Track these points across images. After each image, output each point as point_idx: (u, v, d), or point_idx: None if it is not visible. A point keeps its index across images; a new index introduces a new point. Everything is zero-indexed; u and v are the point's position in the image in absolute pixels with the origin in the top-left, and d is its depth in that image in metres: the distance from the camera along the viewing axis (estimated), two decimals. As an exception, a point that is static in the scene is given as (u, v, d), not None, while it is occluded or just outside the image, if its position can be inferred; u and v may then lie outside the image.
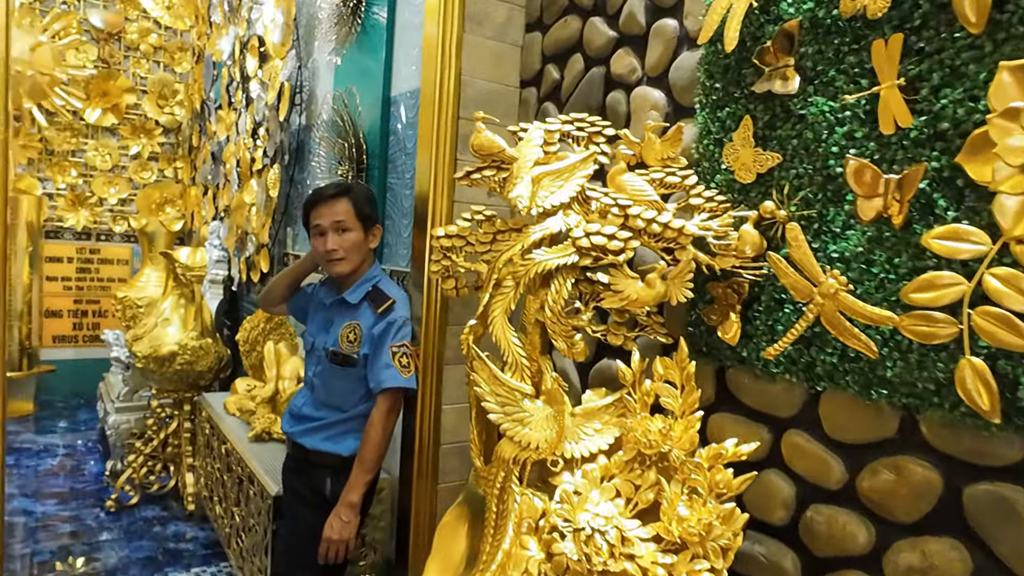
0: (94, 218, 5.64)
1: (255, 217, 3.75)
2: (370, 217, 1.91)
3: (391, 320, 1.81)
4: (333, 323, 1.92)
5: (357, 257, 1.89)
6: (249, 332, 2.99)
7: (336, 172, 2.76)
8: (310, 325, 2.05)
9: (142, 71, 5.72)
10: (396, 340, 1.80)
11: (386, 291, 1.87)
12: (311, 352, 2.00)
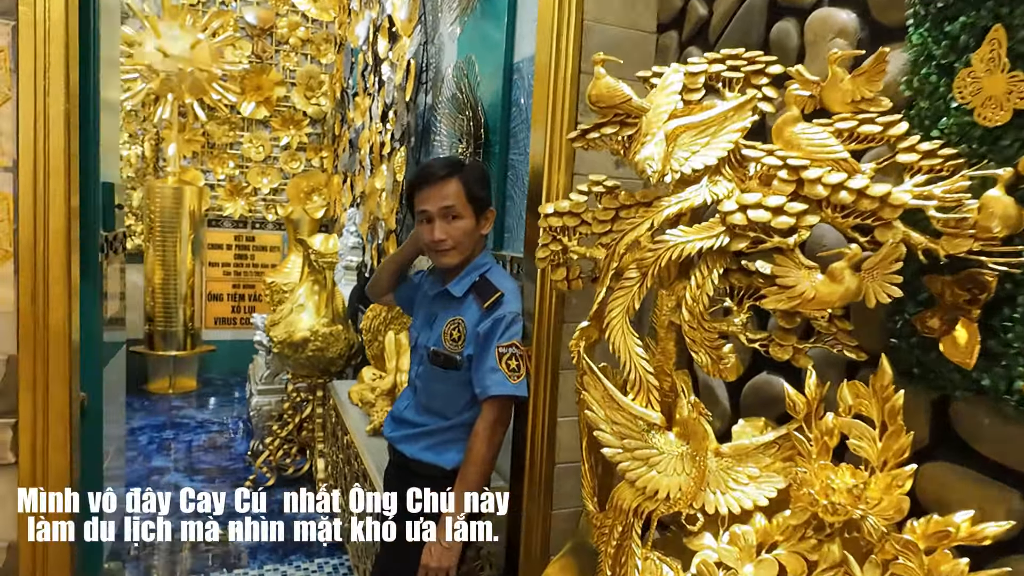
0: (249, 207, 5.94)
1: (384, 202, 3.67)
2: (483, 200, 1.66)
3: (498, 316, 1.55)
4: (436, 318, 1.70)
5: (468, 246, 1.65)
6: (371, 321, 2.88)
7: (456, 150, 2.55)
8: (415, 319, 1.84)
9: (291, 64, 5.92)
10: (504, 339, 1.54)
11: (495, 282, 1.62)
12: (414, 350, 1.79)
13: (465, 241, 1.63)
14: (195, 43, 4.93)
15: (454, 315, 1.64)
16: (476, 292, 1.61)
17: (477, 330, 1.56)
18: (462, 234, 1.62)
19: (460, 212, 1.61)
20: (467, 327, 1.59)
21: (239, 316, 6.00)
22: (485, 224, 1.68)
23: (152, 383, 5.41)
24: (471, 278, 1.64)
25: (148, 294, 5.29)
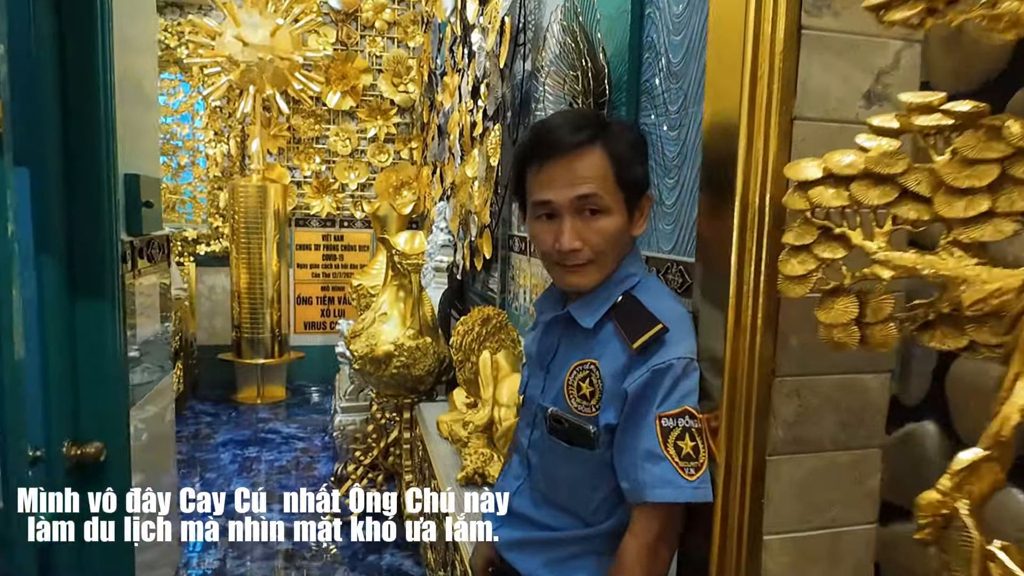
0: (337, 204, 5.60)
1: (477, 193, 3.14)
2: (639, 182, 1.05)
3: (660, 364, 0.95)
4: (554, 359, 1.12)
5: (613, 258, 1.06)
6: (463, 337, 2.34)
7: (567, 120, 1.95)
8: (526, 356, 1.27)
9: (377, 50, 5.52)
10: (670, 404, 0.94)
11: (650, 306, 1.01)
12: (525, 404, 1.22)
13: (610, 251, 1.04)
14: (275, 29, 4.59)
15: (582, 357, 1.05)
16: (619, 321, 1.02)
17: (624, 386, 0.97)
18: (607, 240, 1.02)
19: (606, 204, 1.01)
20: (605, 378, 1.01)
21: (329, 320, 5.69)
22: (640, 220, 1.07)
23: (241, 392, 5.17)
24: (609, 298, 1.05)
25: (234, 299, 5.04)
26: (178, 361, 4.72)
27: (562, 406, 1.06)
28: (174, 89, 5.38)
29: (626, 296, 1.04)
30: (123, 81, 1.64)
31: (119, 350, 1.60)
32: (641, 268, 1.10)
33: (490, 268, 3.20)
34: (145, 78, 1.92)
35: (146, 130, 1.90)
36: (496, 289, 3.09)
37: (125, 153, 1.68)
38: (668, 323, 0.97)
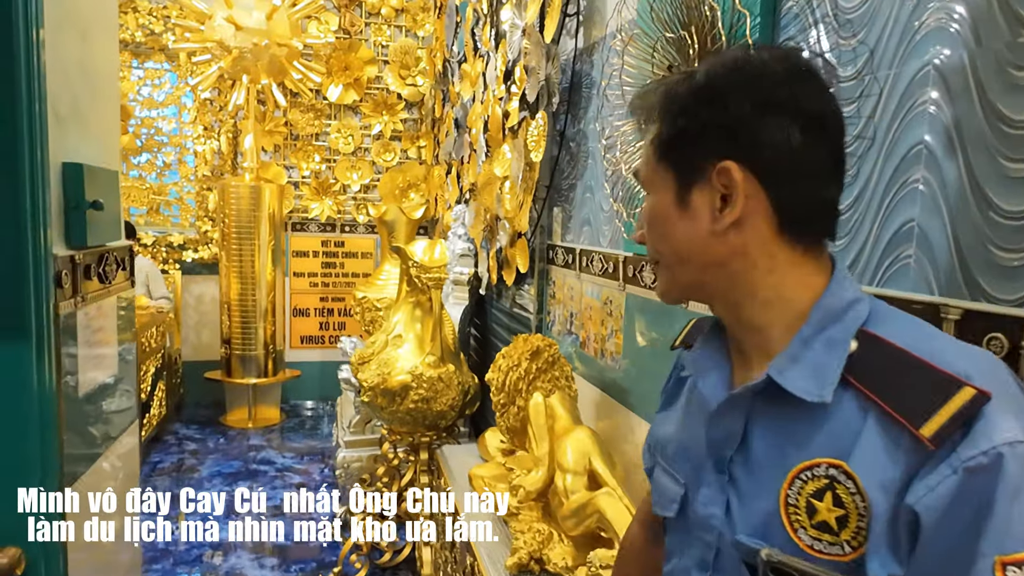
0: (338, 207, 5.12)
1: (508, 195, 2.67)
2: (689, 145, 0.67)
3: (981, 459, 0.51)
4: (747, 456, 0.66)
5: (676, 258, 0.71)
6: (506, 375, 1.87)
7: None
8: (664, 436, 0.82)
9: (383, 39, 5.05)
10: (1018, 536, 0.49)
11: (918, 348, 0.59)
12: (679, 523, 0.76)
13: (668, 248, 0.71)
14: (272, 12, 4.12)
15: (810, 455, 0.61)
16: (871, 385, 0.59)
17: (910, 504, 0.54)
18: (652, 228, 0.72)
19: (647, 176, 0.72)
20: (867, 491, 0.56)
21: (328, 334, 5.20)
22: (711, 205, 0.67)
23: (230, 414, 4.68)
24: (833, 344, 0.62)
25: (224, 311, 4.55)
26: (160, 380, 4.23)
27: (783, 543, 0.61)
28: (159, 79, 4.90)
29: (865, 338, 0.61)
30: (58, 46, 1.17)
31: (48, 412, 1.12)
32: (853, 289, 0.66)
33: (523, 283, 2.73)
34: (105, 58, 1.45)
35: (99, 109, 1.43)
36: (531, 309, 2.62)
37: (64, 137, 1.21)
38: (976, 379, 0.53)
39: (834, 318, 0.63)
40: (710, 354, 0.74)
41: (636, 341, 1.79)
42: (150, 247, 4.87)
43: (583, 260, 2.13)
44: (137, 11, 4.65)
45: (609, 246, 1.96)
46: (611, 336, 1.93)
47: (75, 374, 1.25)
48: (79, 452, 1.30)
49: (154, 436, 4.17)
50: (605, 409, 2.02)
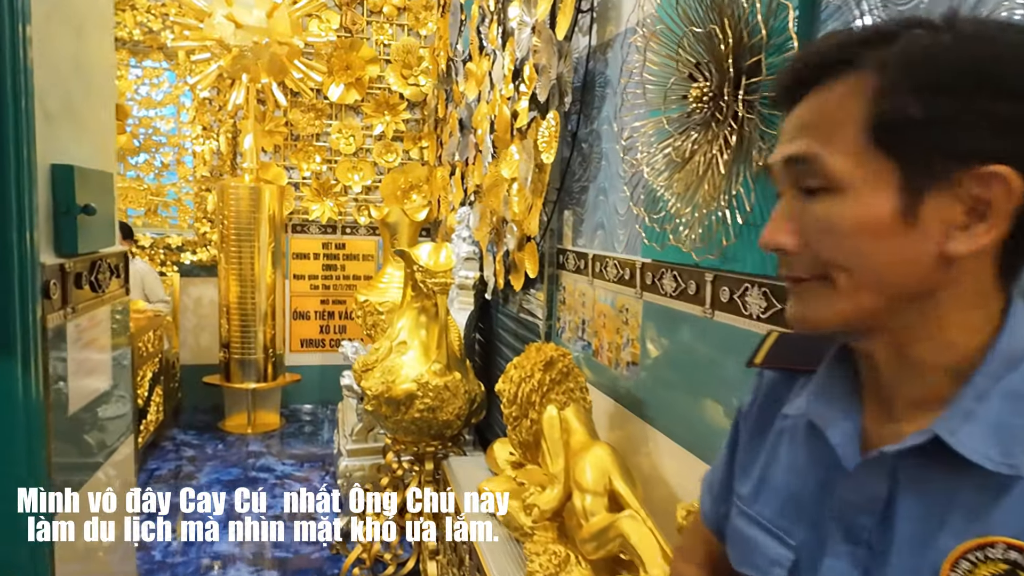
0: (339, 208, 5.04)
1: (516, 197, 2.59)
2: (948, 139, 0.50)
3: None
4: (891, 527, 0.55)
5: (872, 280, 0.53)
6: (518, 386, 1.79)
7: (674, 98, 1.41)
8: (754, 481, 0.70)
9: (385, 37, 4.97)
10: None
11: None
12: None
13: (859, 266, 0.54)
14: (272, 9, 4.04)
15: (980, 531, 0.49)
16: None
17: None
18: (835, 239, 0.54)
19: (829, 173, 0.54)
20: None
21: (328, 337, 5.12)
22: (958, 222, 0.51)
23: (229, 419, 4.59)
24: (1012, 396, 0.51)
25: (223, 314, 4.46)
26: (157, 385, 4.15)
27: None
28: (158, 78, 4.82)
29: None
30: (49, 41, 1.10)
31: (35, 427, 1.05)
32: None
33: (531, 288, 2.66)
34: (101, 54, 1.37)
35: (94, 108, 1.35)
36: (540, 315, 2.54)
37: (54, 137, 1.13)
38: None
39: (1013, 366, 0.52)
40: (837, 395, 0.61)
41: (654, 351, 1.71)
42: (148, 249, 4.79)
43: (596, 265, 2.06)
44: (135, 8, 4.57)
45: (625, 251, 1.88)
46: (627, 345, 1.86)
47: (65, 387, 1.17)
48: (71, 463, 1.22)
49: (151, 442, 4.09)
50: (618, 420, 1.94)
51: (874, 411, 0.59)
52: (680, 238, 1.42)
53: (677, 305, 1.57)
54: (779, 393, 0.69)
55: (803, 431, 0.64)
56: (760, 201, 1.18)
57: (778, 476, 0.66)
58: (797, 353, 0.69)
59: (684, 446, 1.59)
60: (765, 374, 0.72)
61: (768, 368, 0.72)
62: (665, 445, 1.68)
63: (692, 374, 1.54)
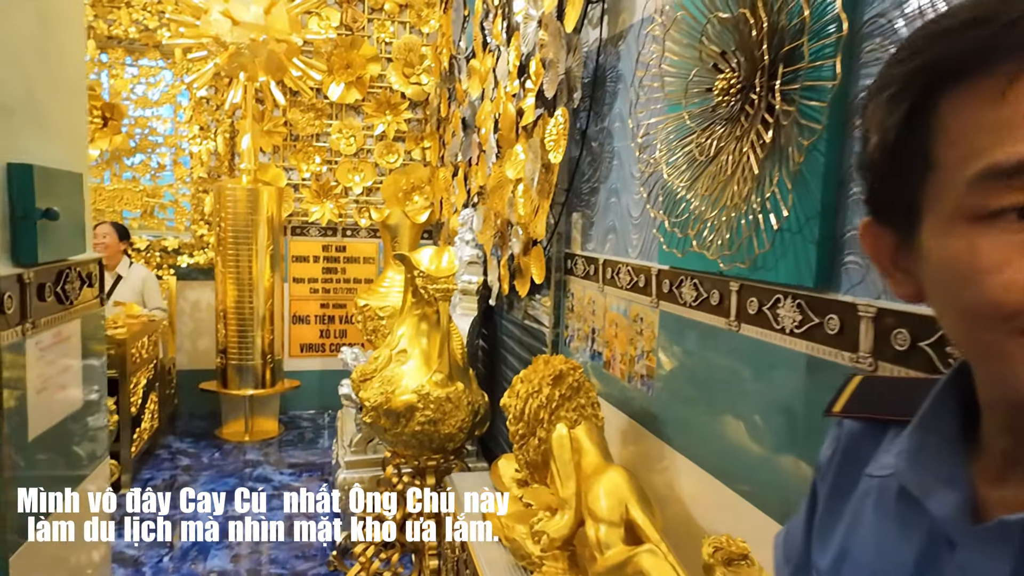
0: (339, 210, 4.92)
1: (522, 199, 2.47)
2: None
3: None
4: None
5: None
6: (525, 402, 1.66)
7: (697, 91, 1.29)
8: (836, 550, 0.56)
9: (386, 35, 4.85)
10: None
11: None
12: None
13: None
14: (270, 5, 3.93)
15: None
16: None
17: None
18: None
19: None
20: None
21: (328, 342, 5.00)
22: None
23: (226, 426, 4.48)
24: None
25: (220, 319, 4.35)
26: (152, 392, 4.04)
27: None
28: (154, 77, 4.71)
29: None
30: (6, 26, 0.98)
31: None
32: None
33: (537, 294, 2.54)
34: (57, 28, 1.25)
35: (62, 102, 1.23)
36: (546, 322, 2.42)
37: (11, 133, 1.01)
38: None
39: None
40: (939, 456, 0.49)
41: (672, 365, 1.59)
42: (143, 252, 4.68)
43: (607, 271, 1.93)
44: (131, 6, 4.47)
45: (639, 257, 1.76)
46: (641, 357, 1.73)
47: (23, 414, 1.05)
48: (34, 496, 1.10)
49: (146, 450, 3.98)
50: (631, 436, 1.82)
51: (987, 474, 0.47)
52: (704, 243, 1.30)
53: (698, 316, 1.45)
54: (864, 447, 0.57)
55: (894, 495, 0.52)
56: (798, 205, 1.06)
57: (864, 548, 0.54)
58: (885, 400, 0.57)
59: (704, 467, 1.47)
60: (846, 424, 0.60)
61: (850, 417, 0.60)
62: (683, 466, 1.56)
63: (714, 391, 1.42)
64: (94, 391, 1.35)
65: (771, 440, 1.23)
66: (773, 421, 1.22)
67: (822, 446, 0.66)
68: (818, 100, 0.98)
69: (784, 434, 1.19)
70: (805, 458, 1.12)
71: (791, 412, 1.17)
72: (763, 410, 1.26)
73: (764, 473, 1.26)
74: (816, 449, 1.10)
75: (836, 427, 0.62)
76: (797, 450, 1.15)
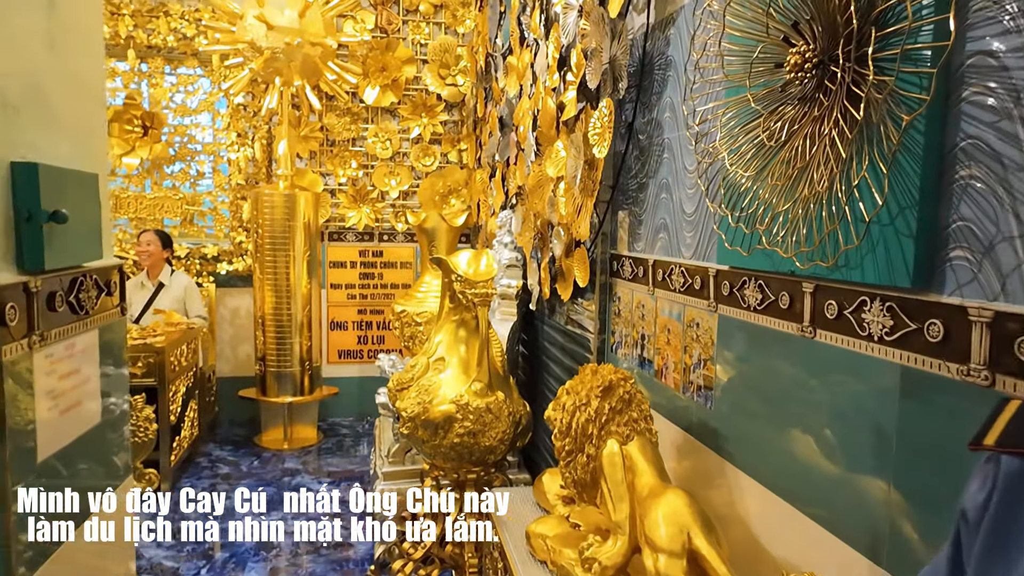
0: (375, 215, 4.87)
1: (563, 198, 2.35)
2: None
3: None
4: None
5: None
6: (572, 415, 1.53)
7: (768, 76, 1.14)
8: None
9: (421, 37, 4.78)
10: None
11: None
12: None
13: None
14: (305, 8, 3.88)
15: None
16: None
17: None
18: None
19: None
20: None
21: (366, 348, 4.95)
22: None
23: (266, 434, 4.45)
24: None
25: (258, 326, 4.32)
26: (192, 400, 4.03)
27: None
28: (192, 86, 4.73)
29: None
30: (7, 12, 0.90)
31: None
32: None
33: (580, 298, 2.41)
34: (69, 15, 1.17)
35: (75, 98, 1.15)
36: (591, 327, 2.29)
37: (14, 129, 0.93)
38: None
39: None
40: None
41: (734, 375, 1.45)
42: (184, 259, 4.70)
43: (658, 273, 1.80)
44: (169, 15, 4.49)
45: (694, 257, 1.62)
46: (699, 366, 1.59)
47: (31, 435, 0.97)
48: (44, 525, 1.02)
49: (186, 458, 3.97)
50: (687, 451, 1.68)
51: None
52: (774, 240, 1.15)
53: (764, 321, 1.31)
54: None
55: None
56: (892, 192, 0.91)
57: None
58: None
59: (771, 488, 1.32)
60: (1004, 461, 0.47)
61: (1010, 453, 0.46)
62: (746, 485, 1.42)
63: (783, 404, 1.28)
64: (116, 403, 1.27)
65: (853, 461, 1.08)
66: (856, 440, 1.07)
67: (967, 485, 0.53)
68: (922, 67, 0.83)
69: (870, 455, 1.04)
70: (901, 486, 0.98)
71: (880, 431, 1.02)
72: (843, 427, 1.11)
73: (843, 497, 1.11)
74: (918, 476, 0.95)
75: (988, 464, 0.50)
76: (888, 475, 1.00)
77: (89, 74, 1.21)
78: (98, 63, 1.30)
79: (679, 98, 1.72)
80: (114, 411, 1.28)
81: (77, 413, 1.12)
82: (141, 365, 3.47)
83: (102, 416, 1.21)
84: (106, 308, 1.22)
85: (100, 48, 1.33)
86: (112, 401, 1.26)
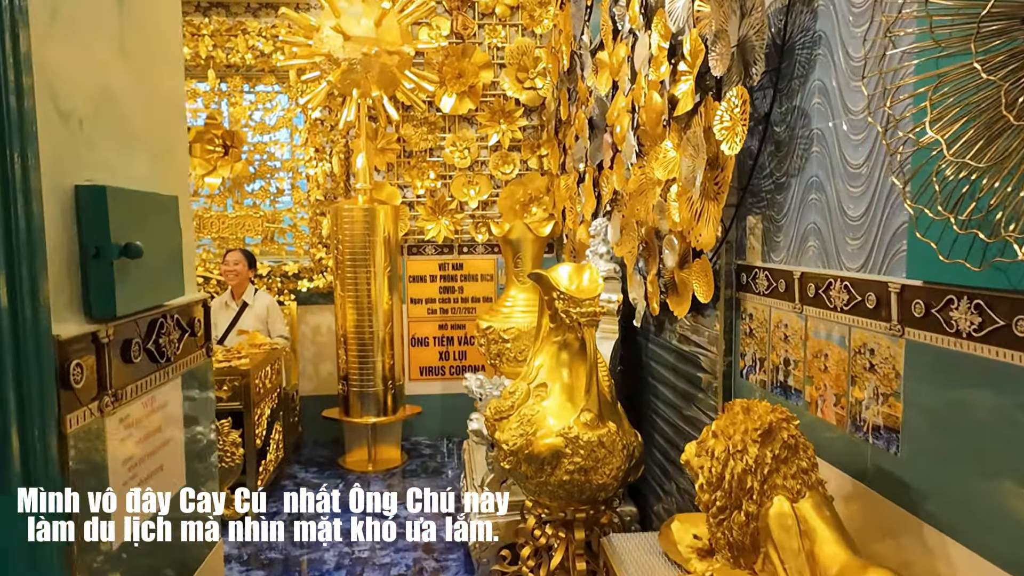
0: (455, 226, 4.71)
1: (676, 203, 2.08)
2: None
3: None
4: None
5: None
6: (723, 463, 1.27)
7: (1002, 36, 0.87)
8: None
9: (498, 40, 4.61)
10: None
11: None
12: None
13: None
14: (381, 16, 3.76)
15: None
16: None
17: None
18: None
19: None
20: None
21: (448, 364, 4.79)
22: None
23: (349, 456, 4.34)
24: None
25: (340, 344, 4.22)
26: (276, 422, 3.95)
27: None
28: (271, 103, 4.70)
29: None
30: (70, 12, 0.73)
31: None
32: None
33: (697, 315, 2.14)
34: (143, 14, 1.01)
35: (152, 111, 0.98)
36: (713, 349, 2.02)
37: (79, 146, 0.76)
38: None
39: None
40: None
41: (933, 415, 1.16)
42: (265, 278, 4.67)
43: (809, 287, 1.52)
44: (247, 33, 4.47)
45: (864, 269, 1.33)
46: (877, 401, 1.30)
47: (106, 512, 0.79)
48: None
49: (272, 480, 3.89)
50: (859, 506, 1.38)
51: None
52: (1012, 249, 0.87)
53: (984, 351, 1.02)
54: None
55: None
56: None
57: None
58: None
59: (993, 561, 1.03)
60: None
61: None
62: (956, 555, 1.12)
63: (1010, 456, 0.99)
64: (203, 461, 1.11)
65: None
66: None
67: None
68: None
69: None
70: None
71: None
72: None
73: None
74: None
75: None
76: None
77: (168, 84, 1.05)
78: (177, 72, 1.15)
79: (832, 81, 1.44)
80: (200, 467, 1.11)
81: (159, 480, 0.95)
82: (227, 388, 3.41)
83: (186, 477, 1.05)
84: (190, 351, 1.05)
85: (180, 56, 1.18)
86: (199, 457, 1.09)
